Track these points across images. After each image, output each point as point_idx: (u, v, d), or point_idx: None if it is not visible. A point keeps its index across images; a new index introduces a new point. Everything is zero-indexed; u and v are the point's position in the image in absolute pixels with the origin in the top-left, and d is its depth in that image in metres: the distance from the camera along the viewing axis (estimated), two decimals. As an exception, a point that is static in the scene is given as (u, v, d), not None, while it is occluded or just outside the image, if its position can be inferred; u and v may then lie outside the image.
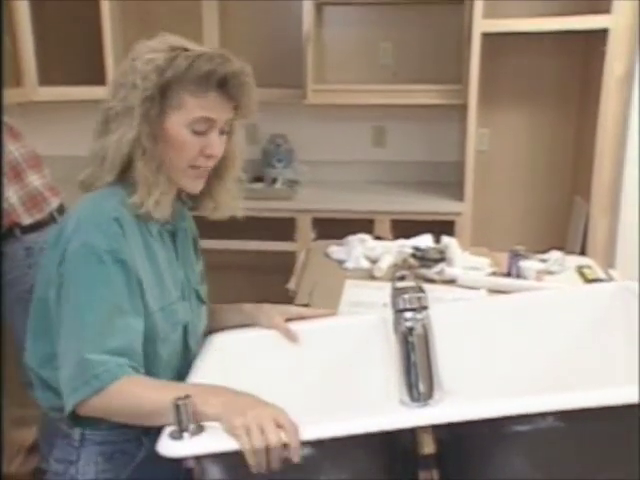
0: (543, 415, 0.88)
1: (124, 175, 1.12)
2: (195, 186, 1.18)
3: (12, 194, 2.04)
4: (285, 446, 0.87)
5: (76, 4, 2.80)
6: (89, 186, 1.15)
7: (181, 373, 1.17)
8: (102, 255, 1.05)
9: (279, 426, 0.88)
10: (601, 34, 2.53)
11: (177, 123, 1.11)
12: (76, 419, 1.06)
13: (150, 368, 1.10)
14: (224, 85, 1.12)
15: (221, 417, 0.92)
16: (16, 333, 1.77)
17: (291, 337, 1.30)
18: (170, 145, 1.12)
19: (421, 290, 0.97)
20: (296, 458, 0.87)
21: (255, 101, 1.18)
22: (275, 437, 0.87)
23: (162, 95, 1.09)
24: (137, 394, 1.00)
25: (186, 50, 1.11)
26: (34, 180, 2.09)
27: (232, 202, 1.27)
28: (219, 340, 1.28)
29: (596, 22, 2.52)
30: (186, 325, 1.21)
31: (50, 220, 2.09)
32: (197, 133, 1.12)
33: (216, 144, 1.14)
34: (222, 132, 1.16)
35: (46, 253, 1.12)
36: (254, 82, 1.17)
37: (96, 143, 1.13)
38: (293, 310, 1.37)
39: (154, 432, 0.94)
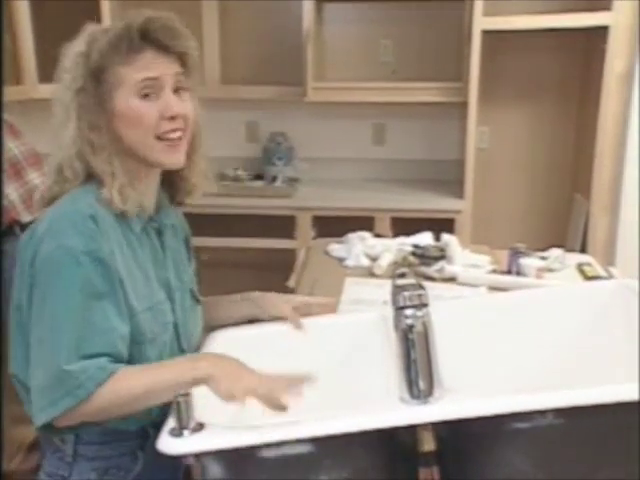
0: (543, 412, 0.88)
1: (89, 179, 1.08)
2: (173, 159, 1.10)
3: (12, 191, 2.04)
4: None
5: (76, 2, 2.79)
6: (53, 200, 1.09)
7: None
8: (78, 256, 1.00)
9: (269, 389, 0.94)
10: (601, 32, 2.53)
11: (124, 97, 1.05)
12: (51, 430, 1.01)
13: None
14: (150, 38, 1.06)
15: (210, 379, 0.96)
16: None
17: (297, 325, 1.29)
18: (126, 124, 1.06)
19: (421, 287, 0.97)
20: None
21: (193, 47, 1.10)
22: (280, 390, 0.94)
23: (97, 81, 1.05)
24: (125, 388, 0.98)
25: (105, 30, 1.08)
26: (34, 178, 2.09)
27: (205, 181, 1.22)
28: (220, 337, 1.28)
29: (596, 20, 2.52)
30: (176, 326, 1.17)
31: None
32: (147, 97, 1.05)
33: (173, 102, 1.07)
34: (176, 90, 1.08)
35: (18, 256, 1.06)
36: (182, 26, 1.09)
37: (50, 157, 1.10)
38: (298, 298, 1.38)
39: (149, 446, 0.94)
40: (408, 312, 0.94)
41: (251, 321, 1.35)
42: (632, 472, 0.92)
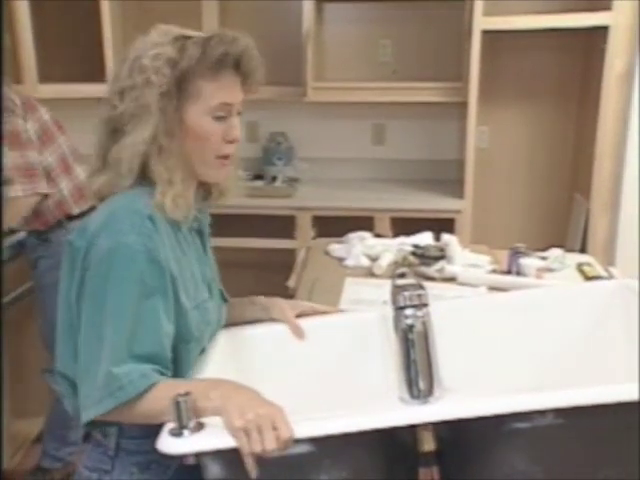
0: (543, 413, 0.88)
1: (142, 179, 1.09)
2: (221, 175, 1.15)
3: (64, 186, 2.13)
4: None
5: (76, 2, 2.80)
6: (107, 194, 1.11)
7: None
8: (136, 255, 1.01)
9: (275, 428, 0.88)
10: (601, 31, 2.53)
11: (197, 113, 1.08)
12: (94, 425, 1.04)
13: (181, 369, 1.09)
14: (238, 64, 1.10)
15: (221, 412, 0.92)
16: (50, 315, 1.78)
17: (299, 333, 1.29)
18: (193, 138, 1.09)
19: (421, 287, 0.97)
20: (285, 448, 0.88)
21: (262, 73, 1.16)
22: (271, 444, 0.87)
23: (179, 89, 1.06)
24: (158, 400, 0.98)
25: (189, 37, 1.08)
26: (80, 173, 2.17)
27: (237, 185, 1.26)
28: (222, 336, 1.28)
29: (596, 20, 2.52)
30: (216, 323, 1.21)
31: (92, 210, 2.16)
32: (218, 119, 1.09)
33: (237, 128, 1.12)
34: (238, 113, 1.13)
35: (68, 249, 1.07)
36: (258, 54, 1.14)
37: (106, 150, 1.10)
38: (306, 305, 1.37)
39: None
40: (408, 312, 0.94)
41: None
42: (632, 472, 0.92)
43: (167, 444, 0.90)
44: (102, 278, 1.01)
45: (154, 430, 0.94)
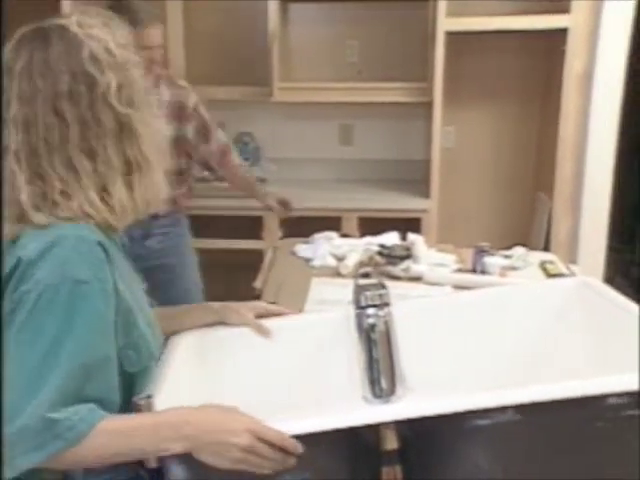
0: (502, 409, 0.89)
1: None
2: None
3: None
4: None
5: (36, 3, 2.74)
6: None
7: None
8: (83, 288, 0.91)
9: (263, 440, 0.87)
10: (562, 33, 2.58)
11: None
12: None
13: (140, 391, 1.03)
14: None
15: (199, 453, 0.89)
16: None
17: (263, 332, 1.28)
18: None
19: (383, 287, 0.98)
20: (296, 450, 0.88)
21: None
22: (272, 457, 0.88)
23: None
24: (110, 444, 0.90)
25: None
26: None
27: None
28: (184, 341, 1.26)
29: (556, 22, 2.57)
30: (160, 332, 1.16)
31: None
32: None
33: None
34: None
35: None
36: None
37: None
38: (262, 306, 1.35)
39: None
40: (370, 312, 0.95)
41: None
42: (590, 465, 0.94)
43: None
44: (40, 317, 0.90)
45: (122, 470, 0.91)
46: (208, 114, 2.25)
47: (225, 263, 3.04)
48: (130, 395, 1.00)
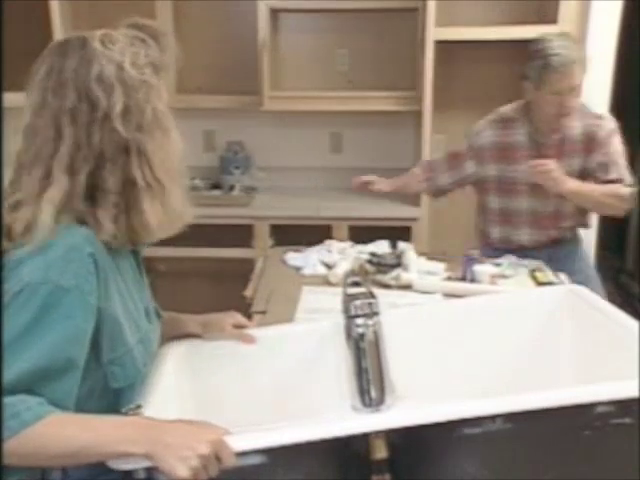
0: (492, 418, 0.89)
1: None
2: None
3: None
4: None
5: (25, 4, 2.74)
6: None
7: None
8: (61, 294, 0.91)
9: (218, 458, 0.87)
10: (550, 43, 2.59)
11: None
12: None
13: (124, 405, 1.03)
14: None
15: (155, 459, 0.87)
16: None
17: (247, 340, 1.28)
18: None
19: (372, 296, 0.98)
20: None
21: None
22: (215, 472, 0.87)
23: None
24: (62, 435, 0.88)
25: None
26: None
27: None
28: (173, 350, 1.26)
29: (543, 31, 2.58)
30: (156, 350, 1.15)
31: None
32: None
33: None
34: None
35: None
36: None
37: None
38: (238, 317, 1.33)
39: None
40: (359, 321, 0.95)
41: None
42: (578, 473, 0.95)
43: (116, 461, 0.88)
44: (22, 315, 0.91)
45: (102, 469, 0.89)
46: None
47: (215, 272, 3.03)
48: (115, 411, 1.00)
